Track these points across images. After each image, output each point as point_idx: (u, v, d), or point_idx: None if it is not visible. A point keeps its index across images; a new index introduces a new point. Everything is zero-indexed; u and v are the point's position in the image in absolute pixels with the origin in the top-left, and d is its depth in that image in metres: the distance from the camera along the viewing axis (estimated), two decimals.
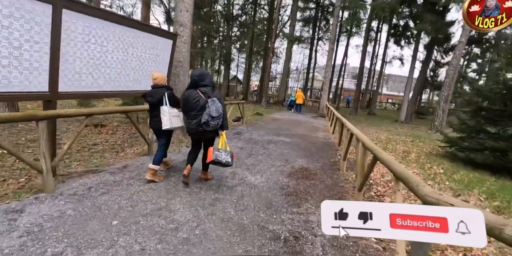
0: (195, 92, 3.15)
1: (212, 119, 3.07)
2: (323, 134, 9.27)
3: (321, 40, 32.05)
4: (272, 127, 9.65)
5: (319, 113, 15.41)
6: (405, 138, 10.52)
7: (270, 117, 13.09)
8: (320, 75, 57.09)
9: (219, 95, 3.25)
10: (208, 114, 3.05)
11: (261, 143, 6.71)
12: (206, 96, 3.13)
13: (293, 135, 8.32)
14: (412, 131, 13.73)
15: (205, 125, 3.10)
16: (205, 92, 3.15)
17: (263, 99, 20.03)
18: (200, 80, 3.18)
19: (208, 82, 3.22)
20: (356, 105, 20.03)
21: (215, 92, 3.23)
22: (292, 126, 10.56)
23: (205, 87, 3.17)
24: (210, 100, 3.09)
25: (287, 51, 21.60)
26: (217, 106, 3.09)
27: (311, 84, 34.03)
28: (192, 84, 3.21)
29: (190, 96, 3.16)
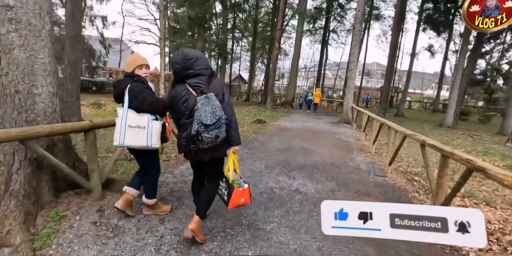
0: (183, 88, 1.96)
1: (206, 128, 1.83)
2: (364, 159, 5.44)
3: (335, 32, 28.30)
4: (278, 148, 5.87)
5: (342, 118, 11.51)
6: (484, 156, 6.60)
7: (276, 126, 9.29)
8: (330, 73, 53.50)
9: (220, 88, 1.98)
10: (198, 121, 1.83)
11: (256, 209, 2.92)
12: (198, 92, 1.92)
13: (317, 168, 4.52)
14: (478, 143, 9.71)
15: (198, 140, 1.87)
16: (196, 85, 1.94)
17: (268, 100, 16.28)
18: (186, 68, 1.93)
19: (200, 68, 1.96)
20: (384, 106, 16.06)
21: (213, 83, 1.99)
22: (309, 142, 6.76)
23: (195, 78, 1.95)
24: (201, 98, 1.85)
25: (297, 41, 17.72)
26: (213, 107, 1.84)
27: (322, 82, 30.15)
28: (177, 76, 2.00)
29: (177, 94, 1.98)
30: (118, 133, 2.15)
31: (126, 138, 2.14)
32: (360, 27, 10.49)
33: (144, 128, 2.16)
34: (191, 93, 1.94)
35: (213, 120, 1.83)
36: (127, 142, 2.16)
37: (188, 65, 1.93)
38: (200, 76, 1.96)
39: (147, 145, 2.16)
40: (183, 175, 3.76)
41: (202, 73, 1.96)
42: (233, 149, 2.09)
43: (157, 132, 2.21)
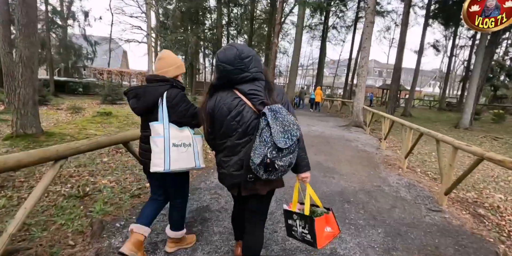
0: (231, 95, 1.46)
1: (278, 153, 1.33)
2: (399, 180, 4.21)
3: (335, 28, 27.12)
4: None
5: (352, 120, 10.28)
6: None
7: None
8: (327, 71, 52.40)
9: (285, 97, 1.51)
10: (270, 144, 1.32)
11: None
12: (256, 102, 1.41)
13: (347, 200, 3.27)
14: (508, 147, 8.54)
15: (262, 169, 1.34)
16: (253, 93, 1.43)
17: None
18: (240, 70, 1.42)
19: (256, 71, 1.46)
20: (392, 105, 14.89)
21: (276, 91, 1.48)
22: (324, 154, 5.51)
23: (251, 84, 1.45)
24: (269, 110, 1.35)
25: (297, 36, 16.45)
26: (286, 124, 1.34)
27: (321, 80, 28.99)
28: (223, 80, 1.47)
29: (222, 105, 1.46)
30: (162, 156, 1.69)
31: (172, 160, 1.71)
32: (372, 18, 9.24)
33: (190, 145, 1.81)
34: (246, 104, 1.44)
35: (289, 142, 1.32)
36: (174, 166, 1.72)
37: (243, 66, 1.42)
38: (256, 81, 1.46)
39: (195, 165, 1.82)
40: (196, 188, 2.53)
41: (259, 77, 1.47)
42: (302, 177, 1.57)
43: (201, 149, 1.91)
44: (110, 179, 3.53)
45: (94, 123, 7.76)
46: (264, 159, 1.31)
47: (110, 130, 7.01)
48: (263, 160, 1.31)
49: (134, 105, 1.80)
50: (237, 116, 1.43)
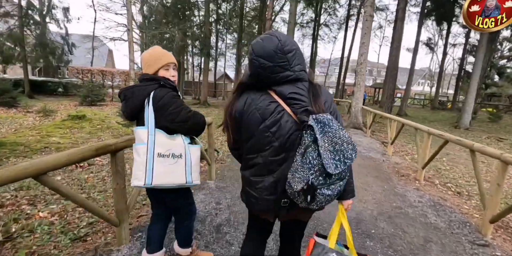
0: (266, 99, 1.16)
1: (326, 180, 1.01)
2: (420, 197, 3.49)
3: (327, 26, 26.55)
4: None
5: (350, 122, 9.58)
6: None
7: None
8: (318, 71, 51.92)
9: (334, 104, 1.21)
10: (315, 169, 0.99)
11: None
12: (299, 109, 1.09)
13: (368, 234, 2.49)
14: None
15: (300, 196, 1.05)
16: (295, 97, 1.11)
17: None
18: (281, 67, 1.10)
19: (300, 69, 1.13)
20: (389, 105, 14.34)
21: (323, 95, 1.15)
22: None
23: (292, 85, 1.13)
24: (316, 122, 1.02)
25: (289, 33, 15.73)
26: (336, 141, 1.01)
27: None
28: (255, 76, 1.16)
29: (254, 108, 1.16)
30: (143, 168, 1.42)
31: (156, 174, 1.42)
32: (371, 11, 8.55)
33: (181, 157, 1.49)
34: (285, 111, 1.11)
35: (341, 167, 0.99)
36: (157, 181, 1.43)
37: (285, 63, 1.09)
38: (299, 83, 1.13)
39: (186, 182, 1.50)
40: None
41: (302, 77, 1.13)
42: (346, 204, 1.25)
43: (197, 162, 1.58)
44: (54, 209, 2.67)
45: (63, 129, 6.80)
46: (307, 186, 1.02)
47: (79, 137, 6.08)
48: (305, 187, 1.02)
49: (122, 108, 1.57)
50: (273, 126, 1.13)
